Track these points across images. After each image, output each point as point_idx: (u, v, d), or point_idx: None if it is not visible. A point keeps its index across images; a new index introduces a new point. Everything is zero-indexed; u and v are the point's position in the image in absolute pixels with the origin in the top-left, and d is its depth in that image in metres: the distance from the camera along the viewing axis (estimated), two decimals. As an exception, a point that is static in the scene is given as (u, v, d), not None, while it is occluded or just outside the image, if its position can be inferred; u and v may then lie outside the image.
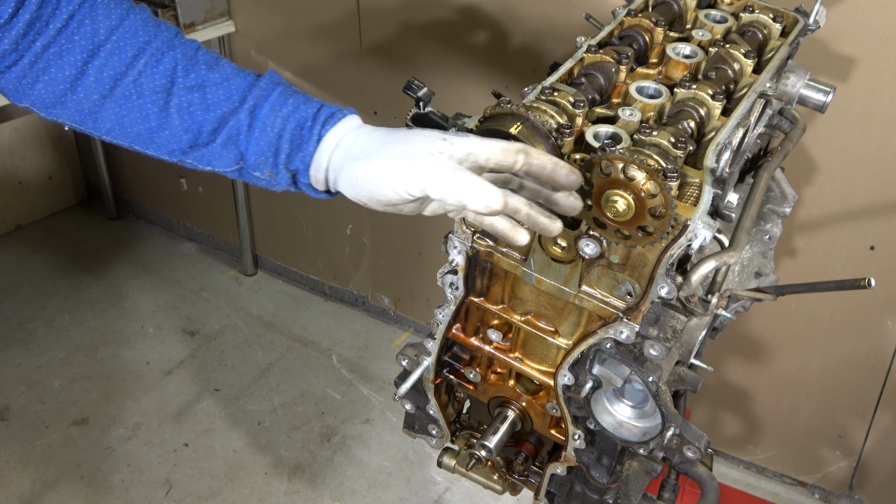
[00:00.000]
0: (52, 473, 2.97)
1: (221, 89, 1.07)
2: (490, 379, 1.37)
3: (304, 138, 1.06)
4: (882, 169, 2.41)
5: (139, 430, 3.17)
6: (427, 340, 1.32)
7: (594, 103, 1.27)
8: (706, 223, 1.07)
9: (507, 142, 1.01)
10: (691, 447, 1.19)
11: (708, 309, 1.23)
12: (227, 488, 2.97)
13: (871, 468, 2.90)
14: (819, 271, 2.65)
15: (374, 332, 3.72)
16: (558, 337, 1.25)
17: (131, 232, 4.29)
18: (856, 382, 2.77)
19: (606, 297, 1.17)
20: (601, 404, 1.23)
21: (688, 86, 1.28)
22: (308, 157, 1.07)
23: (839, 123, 2.39)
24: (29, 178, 4.16)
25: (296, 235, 3.79)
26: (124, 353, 3.52)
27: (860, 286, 1.17)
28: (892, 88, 2.29)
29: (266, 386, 3.40)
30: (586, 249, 1.13)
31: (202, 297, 3.87)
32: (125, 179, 4.27)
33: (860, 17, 2.23)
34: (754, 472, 3.14)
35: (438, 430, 1.44)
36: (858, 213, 2.51)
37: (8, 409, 3.21)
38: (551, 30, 2.68)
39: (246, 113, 1.07)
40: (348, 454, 3.13)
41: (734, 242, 1.28)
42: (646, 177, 1.04)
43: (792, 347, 2.83)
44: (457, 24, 2.84)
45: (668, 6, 1.50)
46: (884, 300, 2.60)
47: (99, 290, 3.87)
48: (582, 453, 1.29)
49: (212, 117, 1.07)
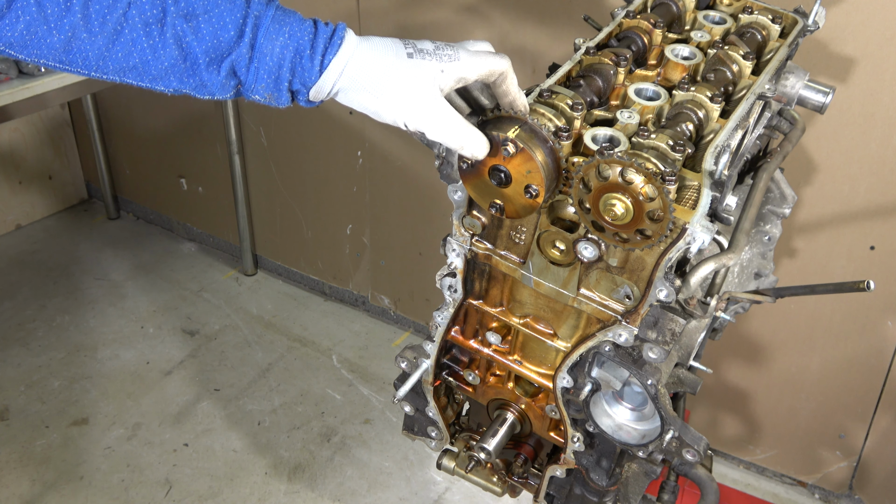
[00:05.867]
0: (52, 473, 2.97)
1: (214, 17, 1.07)
2: (489, 381, 1.37)
3: (304, 66, 1.09)
4: (882, 169, 2.40)
5: (139, 430, 3.16)
6: (426, 343, 1.32)
7: (592, 105, 1.27)
8: (705, 226, 1.07)
9: (493, 61, 1.11)
10: (690, 450, 1.19)
11: (707, 311, 1.23)
12: (227, 488, 2.97)
13: (871, 468, 2.90)
14: (819, 271, 2.65)
15: (374, 332, 3.72)
16: (557, 340, 1.25)
17: (131, 232, 4.29)
18: (856, 382, 2.77)
19: (605, 300, 1.17)
20: (600, 407, 1.22)
21: (686, 88, 1.27)
22: (310, 82, 1.10)
23: (839, 123, 2.39)
24: (29, 178, 4.16)
25: (296, 235, 3.79)
26: (124, 353, 3.52)
27: (859, 289, 1.16)
28: (892, 88, 2.29)
29: (266, 386, 3.40)
30: (584, 253, 1.13)
31: (202, 297, 3.87)
32: (125, 179, 4.27)
33: (860, 16, 2.23)
34: (754, 472, 3.14)
35: (438, 433, 1.44)
36: (858, 213, 2.51)
37: (8, 409, 3.21)
38: (551, 29, 2.68)
39: (247, 45, 1.08)
40: (348, 454, 3.13)
41: (733, 244, 1.27)
42: (644, 180, 1.05)
43: (792, 347, 2.83)
44: (457, 24, 2.84)
45: (667, 7, 1.50)
46: (884, 300, 2.59)
47: (99, 290, 3.87)
48: (581, 456, 1.29)
49: (208, 47, 1.07)
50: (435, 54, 1.10)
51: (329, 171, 3.47)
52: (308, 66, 1.09)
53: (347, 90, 1.11)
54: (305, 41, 1.09)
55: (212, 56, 1.07)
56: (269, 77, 1.09)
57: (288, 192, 3.67)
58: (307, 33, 1.09)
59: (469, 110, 1.18)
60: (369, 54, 1.10)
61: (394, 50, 1.10)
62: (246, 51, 1.08)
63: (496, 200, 1.14)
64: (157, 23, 1.04)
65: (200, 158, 3.88)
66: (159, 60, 1.06)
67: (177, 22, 1.05)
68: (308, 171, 3.55)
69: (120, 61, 1.06)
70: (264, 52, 1.08)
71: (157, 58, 1.06)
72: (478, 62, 1.10)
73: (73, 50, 1.04)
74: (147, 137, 4.01)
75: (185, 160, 3.96)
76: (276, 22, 1.08)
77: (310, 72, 1.09)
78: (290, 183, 3.64)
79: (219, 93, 1.11)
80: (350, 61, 1.09)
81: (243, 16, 1.07)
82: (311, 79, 1.10)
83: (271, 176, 3.66)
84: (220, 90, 1.11)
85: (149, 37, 1.05)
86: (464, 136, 1.10)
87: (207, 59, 1.07)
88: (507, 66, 1.13)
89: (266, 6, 1.09)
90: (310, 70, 1.09)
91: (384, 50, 1.10)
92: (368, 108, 1.12)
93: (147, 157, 4.11)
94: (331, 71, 1.09)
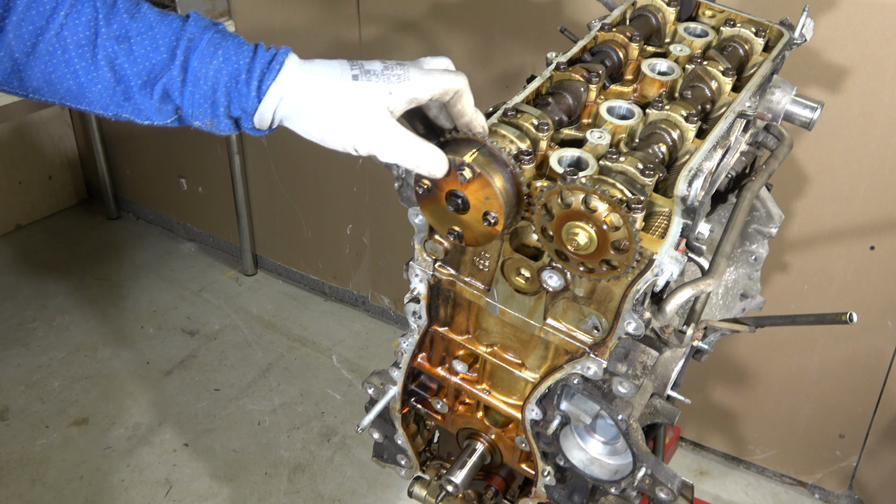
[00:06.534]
0: (52, 473, 2.98)
1: (147, 39, 1.04)
2: (458, 410, 1.33)
3: (241, 92, 1.05)
4: (882, 169, 2.37)
5: (139, 430, 3.17)
6: (392, 369, 1.29)
7: (561, 125, 1.22)
8: (673, 257, 1.02)
9: (447, 79, 1.07)
10: (664, 488, 1.15)
11: (683, 340, 1.18)
12: (227, 488, 2.98)
13: (871, 468, 2.88)
14: (819, 271, 2.62)
15: (374, 332, 3.71)
16: (525, 370, 1.21)
17: (131, 232, 4.29)
18: (856, 382, 2.75)
19: (573, 331, 1.13)
20: (571, 440, 1.19)
21: (660, 106, 1.22)
22: (250, 109, 1.07)
23: (839, 124, 2.36)
24: (29, 178, 4.16)
25: (296, 235, 3.78)
26: (124, 353, 3.53)
27: (841, 321, 1.12)
28: (892, 88, 2.26)
29: (266, 386, 3.40)
30: (549, 281, 1.09)
31: (202, 297, 3.87)
32: (125, 179, 4.27)
33: (861, 17, 2.20)
34: (754, 472, 3.12)
35: (407, 461, 1.41)
36: (858, 213, 2.48)
37: (8, 409, 3.23)
38: (547, 35, 2.64)
39: (178, 68, 1.05)
40: (348, 454, 3.13)
41: (712, 269, 1.20)
42: (608, 208, 1.00)
43: (792, 347, 2.80)
44: (457, 24, 2.82)
45: (646, 20, 1.45)
46: (884, 300, 2.57)
47: (99, 290, 3.87)
48: (552, 490, 1.26)
49: (140, 70, 1.04)
50: (383, 75, 1.05)
51: (329, 171, 3.45)
52: (245, 92, 1.05)
53: (291, 118, 1.07)
54: (241, 65, 1.05)
55: (144, 79, 1.05)
56: (204, 102, 1.06)
57: (288, 192, 3.65)
58: (244, 57, 1.05)
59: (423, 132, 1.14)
60: (311, 79, 1.06)
61: (338, 73, 1.06)
62: (178, 73, 1.05)
63: (454, 227, 1.10)
64: (89, 44, 1.03)
65: (200, 158, 3.87)
66: (94, 83, 1.04)
67: (107, 43, 1.03)
68: (308, 171, 3.53)
69: (59, 85, 1.04)
70: (198, 75, 1.05)
71: (91, 80, 1.04)
72: (430, 81, 1.06)
73: (21, 73, 1.03)
74: (147, 137, 4.00)
75: (185, 160, 3.95)
76: (211, 45, 1.05)
77: (247, 97, 1.05)
78: (290, 183, 3.62)
79: (156, 118, 1.08)
80: (289, 88, 1.05)
81: (177, 37, 1.05)
82: (249, 105, 1.06)
83: (271, 176, 3.65)
84: (156, 115, 1.08)
85: (81, 58, 1.03)
86: (418, 154, 1.05)
87: (140, 82, 1.05)
88: (463, 85, 1.08)
89: (204, 29, 1.06)
90: (246, 96, 1.05)
91: (328, 74, 1.06)
92: (315, 136, 1.08)
93: (147, 157, 4.11)
94: (270, 98, 1.05)
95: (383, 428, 1.37)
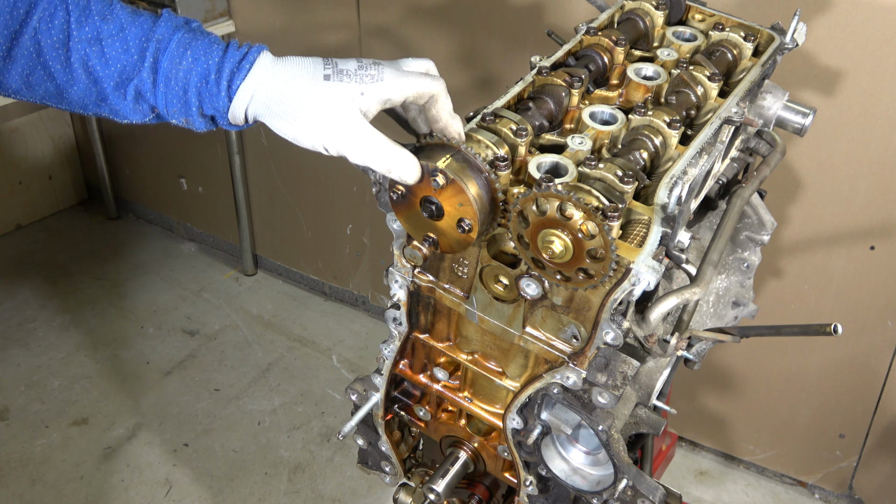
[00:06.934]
0: (52, 473, 2.99)
1: (118, 41, 1.05)
2: (441, 417, 1.33)
3: (211, 91, 1.05)
4: (882, 169, 2.36)
5: (139, 430, 3.18)
6: (375, 375, 1.28)
7: (542, 130, 1.20)
8: (650, 267, 1.01)
9: (422, 82, 1.05)
10: (646, 500, 1.13)
11: (667, 350, 1.17)
12: (227, 488, 2.98)
13: (871, 468, 2.87)
14: (819, 272, 2.61)
15: (374, 332, 3.71)
16: (505, 378, 1.20)
17: (131, 232, 4.29)
18: (856, 382, 2.73)
19: (552, 340, 1.12)
20: (553, 450, 1.18)
21: (643, 112, 1.21)
22: (222, 108, 1.07)
23: (839, 124, 2.35)
24: (29, 178, 4.16)
25: (296, 235, 3.77)
26: (124, 353, 3.54)
27: (825, 332, 1.10)
28: (892, 88, 2.25)
29: (266, 386, 3.40)
30: (527, 290, 1.08)
31: (202, 297, 3.87)
32: (125, 179, 4.27)
33: (860, 17, 2.19)
34: (754, 472, 3.11)
35: (391, 467, 1.40)
36: (858, 214, 2.46)
37: (8, 409, 3.24)
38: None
39: (148, 69, 1.05)
40: (348, 454, 3.13)
41: (699, 277, 1.18)
42: (583, 216, 0.99)
43: (792, 347, 2.79)
44: (457, 24, 2.81)
45: (634, 23, 1.43)
46: (884, 300, 2.56)
47: (99, 290, 3.88)
48: (535, 499, 1.25)
49: (112, 72, 1.05)
50: (356, 75, 1.04)
51: (329, 171, 3.45)
52: (215, 92, 1.05)
53: (264, 116, 1.07)
54: (211, 65, 1.05)
55: (117, 80, 1.05)
56: (178, 101, 1.06)
57: (288, 192, 3.65)
58: (213, 57, 1.05)
59: None
60: (281, 78, 1.05)
61: (310, 72, 1.05)
62: (148, 75, 1.05)
63: (430, 234, 1.09)
64: (63, 48, 1.04)
65: (200, 158, 3.86)
66: (70, 85, 1.06)
67: (80, 46, 1.04)
68: (308, 171, 3.52)
69: (38, 87, 1.06)
70: (168, 76, 1.05)
71: (67, 83, 1.05)
72: (403, 83, 1.05)
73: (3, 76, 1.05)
74: (147, 137, 4.00)
75: (185, 160, 3.95)
76: (181, 45, 1.05)
77: (217, 97, 1.05)
78: (290, 183, 3.62)
79: (133, 117, 1.09)
80: (259, 86, 1.05)
81: (146, 38, 1.05)
82: (220, 104, 1.06)
83: (271, 176, 3.65)
84: (132, 114, 1.09)
85: (56, 61, 1.04)
86: (389, 158, 1.04)
87: (113, 84, 1.05)
88: (440, 89, 1.07)
89: (174, 29, 1.06)
90: (217, 95, 1.05)
91: (299, 73, 1.05)
92: (287, 135, 1.07)
93: (147, 157, 4.11)
94: (240, 97, 1.05)
95: (367, 434, 1.36)
